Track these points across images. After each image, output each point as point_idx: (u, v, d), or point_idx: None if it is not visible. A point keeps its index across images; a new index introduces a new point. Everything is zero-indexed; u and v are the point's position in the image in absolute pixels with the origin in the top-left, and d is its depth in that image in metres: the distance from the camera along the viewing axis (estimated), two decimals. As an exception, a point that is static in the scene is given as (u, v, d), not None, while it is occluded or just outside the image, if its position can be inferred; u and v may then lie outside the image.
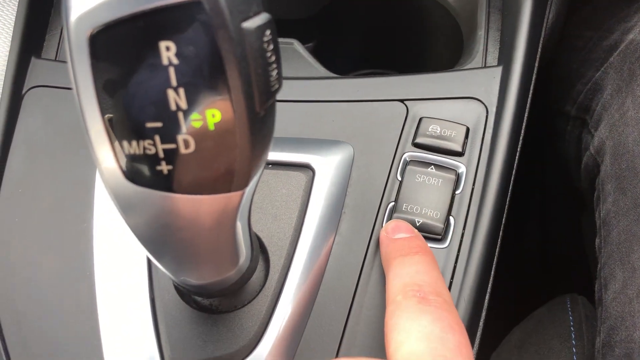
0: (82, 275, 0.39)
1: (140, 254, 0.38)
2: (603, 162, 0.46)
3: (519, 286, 0.70)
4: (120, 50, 0.20)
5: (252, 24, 0.21)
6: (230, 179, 0.23)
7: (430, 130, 0.42)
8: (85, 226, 0.40)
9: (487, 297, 0.40)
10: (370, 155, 0.42)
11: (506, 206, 0.42)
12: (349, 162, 0.42)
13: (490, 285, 0.41)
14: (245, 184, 0.24)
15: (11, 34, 0.46)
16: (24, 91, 0.45)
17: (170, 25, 0.20)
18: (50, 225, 0.41)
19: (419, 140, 0.42)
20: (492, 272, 0.41)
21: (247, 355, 0.35)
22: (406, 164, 0.41)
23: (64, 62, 0.49)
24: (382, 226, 0.40)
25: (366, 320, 0.37)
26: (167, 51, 0.20)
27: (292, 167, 0.41)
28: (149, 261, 0.38)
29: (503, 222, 0.41)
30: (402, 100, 0.44)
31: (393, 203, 0.40)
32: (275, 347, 0.35)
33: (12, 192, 0.42)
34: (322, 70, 0.49)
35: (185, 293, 0.36)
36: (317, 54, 0.51)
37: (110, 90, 0.21)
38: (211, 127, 0.21)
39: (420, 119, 0.43)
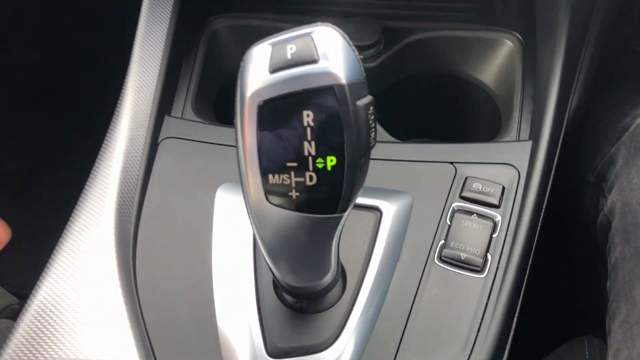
0: (204, 283, 0.50)
1: (249, 266, 0.50)
2: (614, 220, 0.57)
3: (542, 327, 0.79)
4: (276, 114, 0.32)
5: (362, 102, 0.33)
6: (337, 204, 0.34)
7: (473, 187, 0.54)
8: (206, 243, 0.52)
9: (514, 322, 0.51)
10: (425, 203, 0.54)
11: (532, 249, 0.52)
12: (408, 208, 0.53)
13: (517, 313, 0.51)
14: (346, 209, 0.35)
15: (152, 98, 0.60)
16: (159, 140, 0.59)
17: (311, 101, 0.31)
18: (179, 241, 0.53)
19: (464, 194, 0.53)
20: (520, 301, 0.51)
21: (330, 346, 0.46)
22: (454, 211, 0.53)
23: (188, 119, 0.63)
24: (434, 259, 0.51)
25: (420, 329, 0.48)
26: (307, 117, 0.32)
27: (364, 208, 0.52)
28: (255, 271, 0.49)
29: (530, 261, 0.52)
30: (451, 162, 0.56)
31: (443, 241, 0.51)
32: (351, 341, 0.46)
33: (150, 217, 0.55)
34: (387, 136, 0.62)
35: (283, 297, 0.48)
36: (382, 122, 0.64)
37: (266, 139, 0.32)
38: (329, 168, 0.33)
39: (466, 178, 0.54)
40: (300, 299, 0.47)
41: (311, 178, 0.33)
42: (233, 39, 0.71)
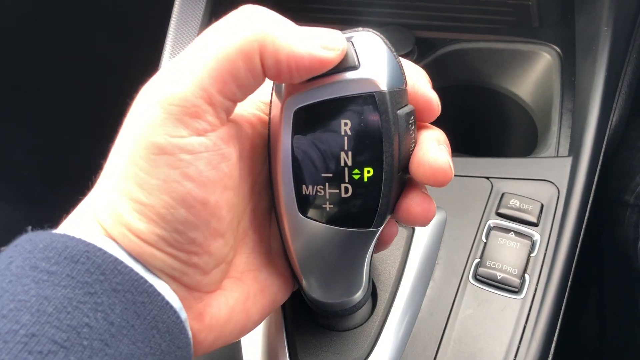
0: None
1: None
2: (657, 243, 0.54)
3: (578, 354, 0.76)
4: (313, 122, 0.30)
5: (403, 111, 0.31)
6: (372, 219, 0.32)
7: (511, 203, 0.52)
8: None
9: (553, 346, 0.48)
10: (460, 219, 0.52)
11: (572, 271, 0.50)
12: (443, 224, 0.52)
13: (556, 337, 0.49)
14: (381, 224, 0.33)
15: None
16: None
17: (350, 108, 0.30)
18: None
19: (501, 210, 0.51)
20: (559, 324, 0.49)
21: (360, 366, 0.44)
22: (490, 229, 0.51)
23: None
24: (468, 278, 0.49)
25: (453, 351, 0.46)
26: (345, 126, 0.30)
27: (397, 224, 0.51)
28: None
29: (569, 283, 0.49)
30: (488, 178, 0.54)
31: (479, 260, 0.49)
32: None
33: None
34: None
35: (311, 314, 0.46)
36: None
37: (301, 147, 0.31)
38: (365, 179, 0.31)
39: (503, 194, 0.52)
40: (329, 316, 0.45)
41: (346, 190, 0.31)
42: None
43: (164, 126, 0.27)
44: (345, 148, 0.30)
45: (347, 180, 0.31)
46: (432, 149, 0.32)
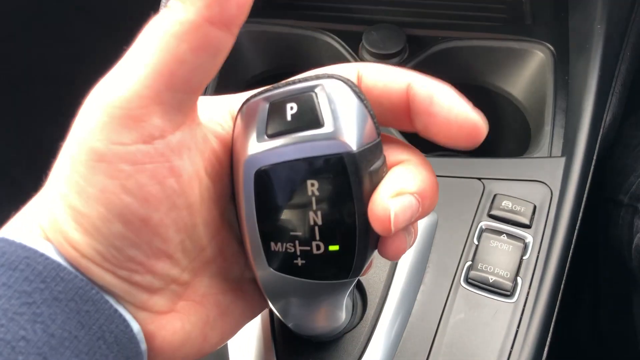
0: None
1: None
2: (652, 244, 0.53)
3: (572, 356, 0.75)
4: (276, 183, 0.27)
5: (375, 167, 0.28)
6: (348, 271, 0.29)
7: (503, 205, 0.51)
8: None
9: (546, 350, 0.48)
10: (452, 221, 0.51)
11: (565, 273, 0.49)
12: (433, 226, 0.51)
13: (549, 341, 0.48)
14: (359, 274, 0.30)
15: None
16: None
17: (317, 169, 0.26)
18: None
19: (493, 212, 0.50)
20: (552, 328, 0.48)
21: (348, 373, 0.43)
22: (482, 231, 0.50)
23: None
24: (460, 281, 0.48)
25: (444, 356, 0.45)
26: (312, 186, 0.27)
27: (387, 226, 0.50)
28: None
29: (562, 286, 0.49)
30: (479, 179, 0.53)
31: (470, 262, 0.48)
32: (371, 368, 0.43)
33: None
34: (411, 150, 0.59)
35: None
36: (405, 135, 0.61)
37: (266, 208, 0.28)
38: (338, 238, 0.28)
39: (495, 195, 0.51)
40: (312, 340, 0.44)
41: (318, 247, 0.28)
42: (252, 45, 0.69)
43: (105, 131, 0.24)
44: (314, 208, 0.27)
45: (318, 238, 0.28)
46: (382, 193, 0.28)
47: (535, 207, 0.50)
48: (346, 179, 0.26)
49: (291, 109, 0.26)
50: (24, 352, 0.22)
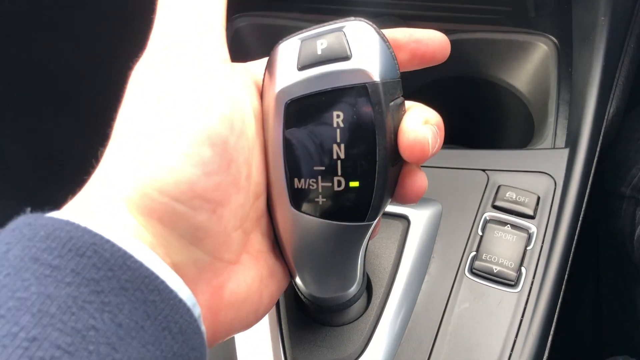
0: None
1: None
2: (654, 235, 0.54)
3: (573, 345, 0.75)
4: (305, 114, 0.30)
5: (396, 103, 0.31)
6: (365, 212, 0.31)
7: (507, 196, 0.51)
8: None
9: (549, 339, 0.48)
10: (456, 212, 0.51)
11: (568, 264, 0.49)
12: (438, 217, 0.51)
13: (552, 330, 0.48)
14: (375, 218, 0.32)
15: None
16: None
17: (342, 100, 0.29)
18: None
19: (497, 203, 0.51)
20: (555, 318, 0.48)
21: (355, 361, 0.43)
22: (486, 222, 0.50)
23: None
24: (464, 271, 0.48)
25: (449, 345, 0.45)
26: (338, 118, 0.29)
27: (392, 217, 0.50)
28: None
29: (566, 276, 0.49)
30: (484, 170, 0.53)
31: (474, 253, 0.49)
32: (377, 356, 0.44)
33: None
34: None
35: (306, 309, 0.45)
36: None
37: (292, 140, 0.30)
38: (359, 172, 0.30)
39: (499, 186, 0.52)
40: (323, 311, 0.44)
41: (339, 183, 0.30)
42: (256, 38, 0.69)
43: None
44: (338, 141, 0.30)
45: (340, 174, 0.30)
46: (413, 122, 0.31)
47: (539, 198, 0.51)
48: (369, 108, 0.29)
49: (321, 44, 0.29)
50: (94, 341, 0.22)
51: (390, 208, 0.50)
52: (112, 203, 0.26)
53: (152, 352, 0.23)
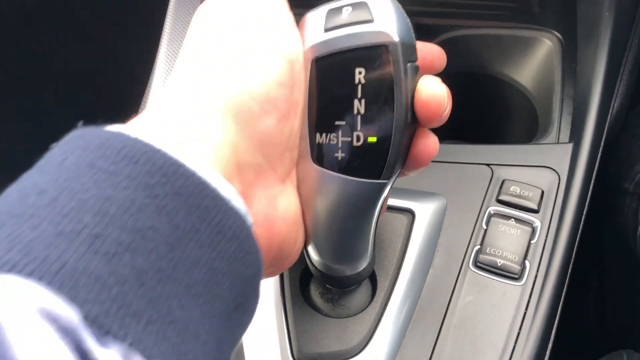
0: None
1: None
2: (657, 230, 0.54)
3: (576, 339, 0.76)
4: (330, 71, 0.32)
5: (412, 65, 0.32)
6: (381, 169, 0.33)
7: (511, 190, 0.51)
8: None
9: (553, 332, 0.48)
10: (460, 206, 0.51)
11: (572, 258, 0.50)
12: (442, 211, 0.51)
13: (556, 324, 0.48)
14: (390, 176, 0.34)
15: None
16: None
17: (364, 57, 0.32)
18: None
19: (501, 197, 0.51)
20: (559, 311, 0.48)
21: (359, 352, 0.44)
22: (490, 216, 0.50)
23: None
24: (469, 264, 0.48)
25: (453, 338, 0.46)
26: (359, 74, 0.32)
27: (397, 210, 0.50)
28: (281, 280, 0.47)
29: (569, 270, 0.49)
30: (488, 165, 0.53)
31: (479, 247, 0.49)
32: (381, 348, 0.44)
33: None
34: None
35: (311, 298, 0.46)
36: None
37: (318, 97, 0.32)
38: (377, 127, 0.32)
39: (503, 181, 0.52)
40: (332, 284, 0.44)
41: (358, 138, 0.32)
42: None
43: None
44: (359, 96, 0.32)
45: (359, 129, 0.32)
46: (430, 80, 0.33)
47: (543, 192, 0.51)
48: (389, 65, 0.31)
49: (347, 10, 0.32)
50: (154, 240, 0.22)
51: (394, 202, 0.50)
52: (185, 105, 0.28)
53: (209, 254, 0.24)
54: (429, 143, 0.35)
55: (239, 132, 0.29)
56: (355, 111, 0.32)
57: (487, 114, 0.73)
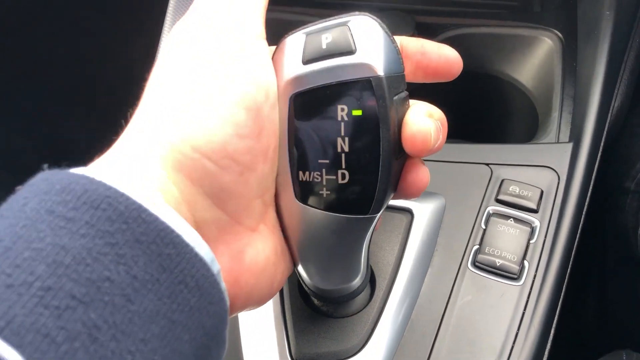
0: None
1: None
2: (657, 230, 0.54)
3: (575, 339, 0.76)
4: (309, 108, 0.30)
5: (400, 97, 0.31)
6: (369, 205, 0.32)
7: (510, 189, 0.51)
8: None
9: (552, 332, 0.48)
10: (459, 206, 0.51)
11: (571, 258, 0.50)
12: (441, 210, 0.51)
13: (555, 324, 0.48)
14: (379, 210, 0.33)
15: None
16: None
17: (346, 94, 0.30)
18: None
19: (500, 197, 0.51)
20: (558, 311, 0.48)
21: (357, 352, 0.44)
22: (489, 215, 0.50)
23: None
24: (467, 264, 0.48)
25: (451, 337, 0.46)
26: (342, 111, 0.30)
27: (395, 210, 0.50)
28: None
29: (569, 270, 0.49)
30: (487, 164, 0.53)
31: (478, 246, 0.49)
32: (379, 347, 0.44)
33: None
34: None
35: (309, 300, 0.46)
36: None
37: (298, 133, 0.31)
38: (362, 166, 0.31)
39: (503, 180, 0.52)
40: (327, 302, 0.45)
41: (343, 176, 0.31)
42: (261, 32, 0.69)
43: None
44: (342, 134, 0.30)
45: (344, 167, 0.31)
46: (417, 115, 0.31)
47: (542, 192, 0.51)
48: (373, 102, 0.29)
49: (326, 38, 0.29)
50: (109, 292, 0.21)
51: (393, 201, 0.50)
52: (141, 158, 0.26)
53: (168, 305, 0.23)
54: (419, 174, 0.33)
55: (194, 190, 0.27)
56: (340, 149, 0.30)
57: (487, 113, 0.73)
